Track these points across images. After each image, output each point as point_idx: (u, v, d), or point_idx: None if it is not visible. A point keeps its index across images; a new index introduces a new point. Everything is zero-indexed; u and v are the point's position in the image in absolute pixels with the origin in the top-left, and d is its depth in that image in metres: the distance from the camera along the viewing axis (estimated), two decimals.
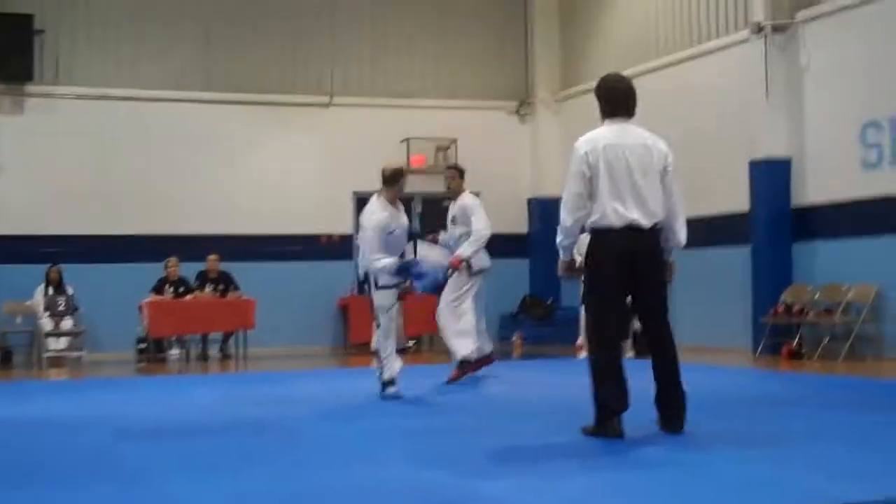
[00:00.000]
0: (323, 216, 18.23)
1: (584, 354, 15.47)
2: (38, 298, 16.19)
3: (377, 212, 9.61)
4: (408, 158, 18.21)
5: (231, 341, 16.56)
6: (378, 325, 9.50)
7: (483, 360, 11.02)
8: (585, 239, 6.82)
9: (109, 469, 6.09)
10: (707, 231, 15.45)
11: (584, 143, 6.72)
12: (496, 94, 19.60)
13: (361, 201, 18.10)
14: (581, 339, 16.22)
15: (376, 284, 9.49)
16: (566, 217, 6.66)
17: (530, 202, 19.65)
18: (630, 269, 6.61)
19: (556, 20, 19.66)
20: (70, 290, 16.32)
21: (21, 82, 16.96)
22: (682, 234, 6.83)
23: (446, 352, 11.17)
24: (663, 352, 6.79)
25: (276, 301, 17.05)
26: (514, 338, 17.01)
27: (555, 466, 5.84)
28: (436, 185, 18.51)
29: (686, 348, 6.96)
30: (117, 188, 17.18)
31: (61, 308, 16.06)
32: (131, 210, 17.24)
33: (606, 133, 6.72)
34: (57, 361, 15.84)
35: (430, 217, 18.81)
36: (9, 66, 16.70)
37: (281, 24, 18.37)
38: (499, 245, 19.30)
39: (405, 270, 9.45)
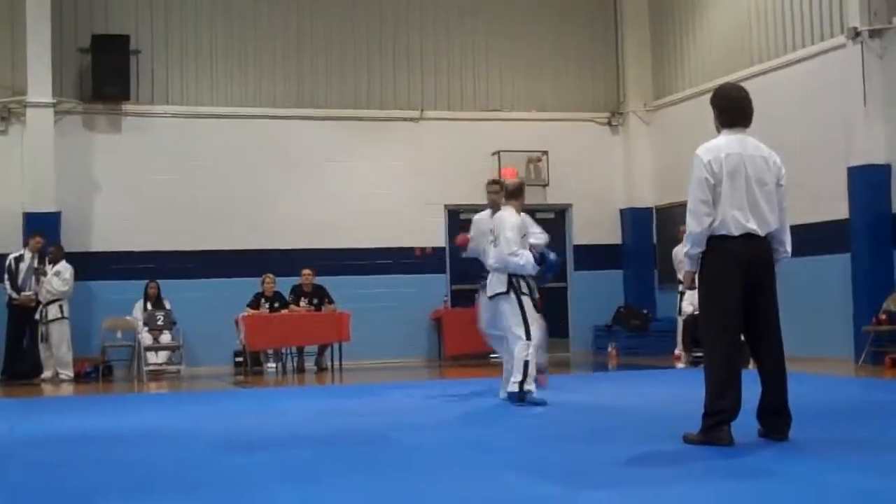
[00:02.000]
0: (415, 229, 18.27)
1: (681, 365, 15.41)
2: (138, 314, 16.44)
3: (513, 216, 9.94)
4: (499, 171, 18.19)
5: (326, 354, 16.66)
6: (528, 338, 9.60)
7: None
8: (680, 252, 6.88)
9: (211, 480, 6.15)
10: (806, 239, 15.15)
11: (706, 151, 6.76)
12: (587, 105, 19.50)
13: (452, 214, 18.25)
14: (679, 350, 16.12)
15: (525, 292, 9.69)
16: (694, 225, 6.63)
17: (623, 213, 19.51)
18: (746, 276, 6.61)
19: (647, 29, 19.51)
20: (168, 306, 16.55)
21: (118, 102, 17.27)
22: (790, 245, 6.90)
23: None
24: (774, 362, 6.76)
25: (371, 314, 17.13)
26: (609, 349, 16.91)
27: (659, 475, 5.76)
28: (527, 198, 18.46)
29: (787, 358, 6.84)
30: (211, 204, 17.39)
31: (160, 323, 16.28)
32: (226, 226, 17.43)
33: (727, 143, 6.77)
34: (156, 375, 16.06)
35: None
36: (106, 86, 17.00)
37: (371, 40, 18.47)
38: (593, 256, 19.40)
39: (543, 258, 9.81)
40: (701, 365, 14.64)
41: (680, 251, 16.89)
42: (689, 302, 15.48)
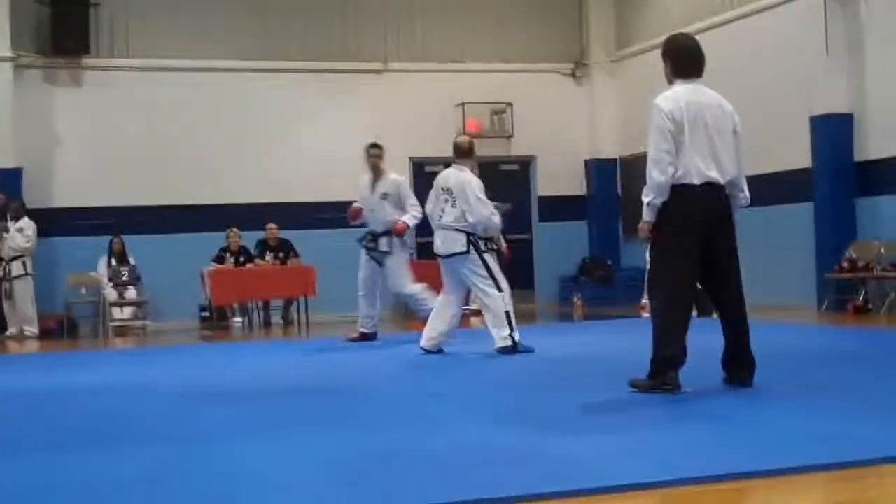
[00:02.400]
0: None
1: (646, 314, 15.49)
2: (102, 270, 16.37)
3: (475, 177, 10.17)
4: (463, 123, 18.17)
5: (292, 308, 16.67)
6: (500, 290, 9.78)
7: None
8: None
9: (177, 430, 6.17)
10: (769, 188, 15.27)
11: (665, 100, 6.69)
12: (551, 56, 19.48)
13: (417, 166, 18.22)
14: (645, 299, 16.21)
15: (485, 248, 9.92)
16: (658, 175, 6.56)
17: (588, 164, 19.56)
18: (707, 225, 6.63)
19: None
20: (132, 261, 16.48)
21: (78, 55, 17.10)
22: (747, 193, 6.91)
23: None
24: (737, 312, 6.81)
25: (336, 268, 17.08)
26: (574, 299, 16.99)
27: (622, 422, 5.81)
28: (492, 150, 18.57)
29: (750, 306, 6.90)
30: (174, 159, 17.30)
31: (125, 278, 16.23)
32: (190, 180, 17.35)
33: (684, 92, 6.72)
34: (122, 331, 16.03)
35: (487, 182, 18.77)
36: (66, 39, 16.84)
37: None
38: (557, 207, 19.46)
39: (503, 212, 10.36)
40: None
41: None
42: None
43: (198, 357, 11.81)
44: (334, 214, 17.82)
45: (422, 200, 11.11)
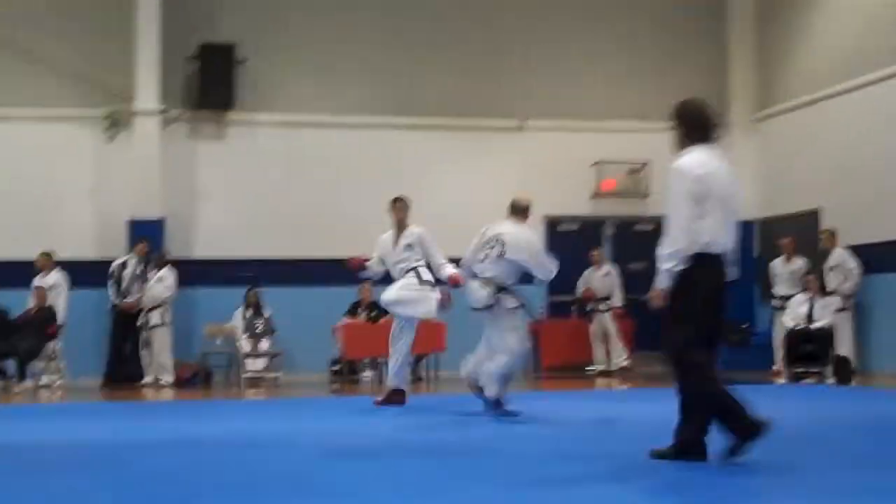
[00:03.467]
0: None
1: (781, 380, 15.15)
2: (238, 321, 16.59)
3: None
4: (599, 182, 18.04)
5: (423, 363, 16.65)
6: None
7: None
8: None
9: (319, 486, 6.14)
10: None
11: (693, 165, 6.55)
12: None
13: (551, 224, 18.13)
14: (778, 365, 15.85)
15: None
16: (681, 240, 6.39)
17: None
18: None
19: (753, 37, 19.20)
20: (267, 313, 16.68)
21: (223, 110, 17.49)
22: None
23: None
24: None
25: (467, 324, 17.02)
26: None
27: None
28: (627, 209, 18.41)
29: (885, 374, 6.71)
30: (313, 212, 17.50)
31: (259, 330, 16.42)
32: (326, 234, 17.47)
33: (707, 158, 6.60)
34: (255, 382, 16.20)
35: (623, 240, 18.65)
36: (212, 94, 17.23)
37: (473, 49, 18.46)
38: None
39: None
40: (802, 381, 14.46)
41: (778, 265, 16.68)
42: (791, 317, 15.23)
43: (330, 410, 11.85)
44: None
45: (566, 262, 11.20)
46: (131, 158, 16.95)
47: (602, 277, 17.70)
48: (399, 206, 12.11)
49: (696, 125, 6.77)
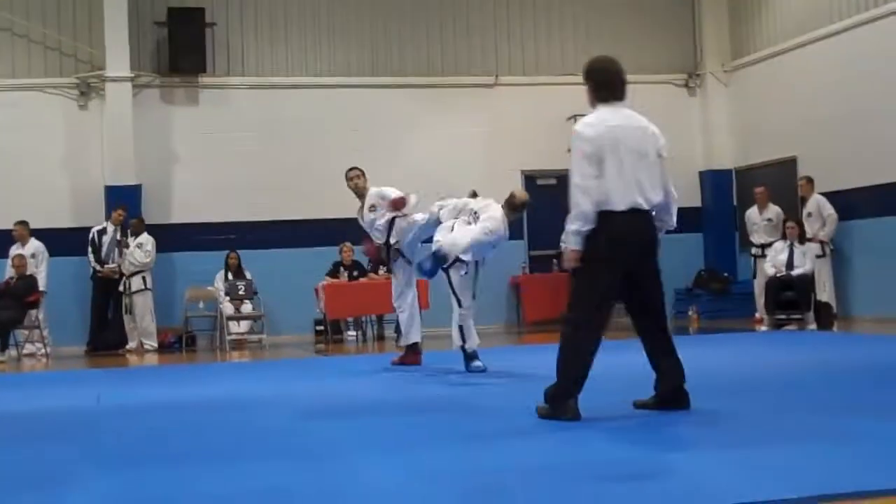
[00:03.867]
0: (492, 195, 17.94)
1: (763, 328, 15.26)
2: (219, 284, 16.60)
3: (503, 225, 10.27)
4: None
5: None
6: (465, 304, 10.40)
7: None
8: None
9: (300, 446, 6.19)
10: (885, 200, 15.03)
11: (586, 126, 6.57)
12: (664, 66, 19.27)
13: (529, 179, 18.14)
14: (759, 313, 15.96)
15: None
16: (583, 202, 6.40)
17: (702, 175, 19.29)
18: (630, 251, 6.53)
19: None
20: (249, 275, 16.69)
21: (194, 74, 17.41)
22: (675, 217, 6.84)
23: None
24: (660, 332, 6.77)
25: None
26: (690, 312, 16.78)
27: (744, 437, 5.70)
28: None
29: (866, 319, 6.75)
30: (289, 174, 17.48)
31: (241, 292, 16.43)
32: (304, 196, 17.48)
33: (608, 116, 6.59)
34: (238, 344, 16.24)
35: None
36: (183, 59, 17.14)
37: (444, 8, 18.43)
38: None
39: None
40: (783, 328, 14.56)
41: (753, 214, 16.75)
42: (771, 264, 15.31)
43: (313, 371, 11.88)
44: None
45: (546, 217, 11.08)
46: (104, 126, 16.91)
47: None
48: (352, 175, 12.05)
49: (601, 83, 6.74)
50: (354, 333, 16.85)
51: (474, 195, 10.85)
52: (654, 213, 6.65)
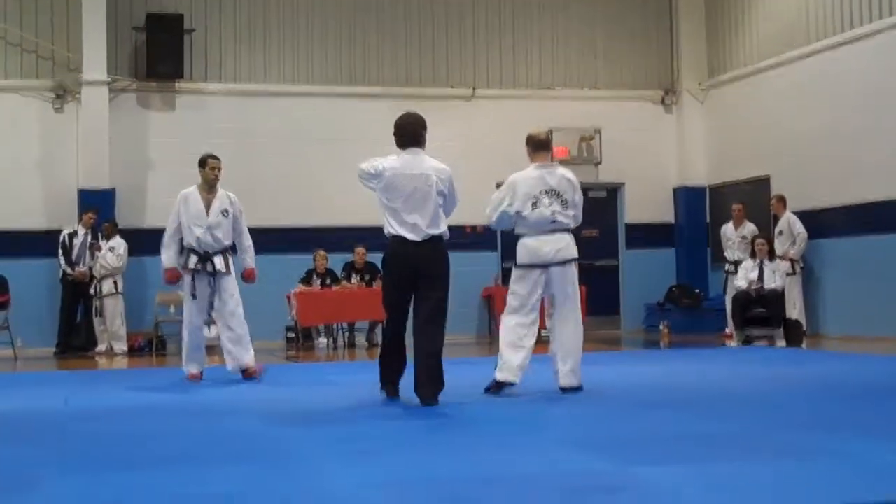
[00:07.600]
0: (467, 207, 18.09)
1: (732, 343, 15.34)
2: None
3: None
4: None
5: (377, 330, 16.70)
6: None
7: None
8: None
9: (263, 451, 6.19)
10: (862, 218, 15.13)
11: (378, 166, 8.99)
12: (640, 83, 19.38)
13: None
14: (729, 328, 16.04)
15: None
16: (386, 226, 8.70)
17: (676, 191, 19.39)
18: (401, 270, 8.33)
19: (701, 6, 19.35)
20: None
21: (171, 80, 17.40)
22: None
23: None
24: (422, 336, 8.37)
25: None
26: (661, 327, 16.85)
27: (707, 452, 5.73)
28: (580, 176, 18.39)
29: (840, 337, 6.79)
30: (264, 181, 17.46)
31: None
32: (279, 203, 17.49)
33: (396, 162, 8.78)
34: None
35: None
36: (160, 64, 17.13)
37: (424, 19, 18.49)
38: (645, 234, 19.30)
39: None
40: (753, 344, 14.64)
41: (729, 230, 16.85)
42: (743, 281, 15.39)
43: (283, 377, 11.87)
44: None
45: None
46: (80, 129, 16.89)
47: None
48: (216, 164, 12.06)
49: (397, 134, 8.92)
50: (325, 341, 16.86)
51: None
52: None
